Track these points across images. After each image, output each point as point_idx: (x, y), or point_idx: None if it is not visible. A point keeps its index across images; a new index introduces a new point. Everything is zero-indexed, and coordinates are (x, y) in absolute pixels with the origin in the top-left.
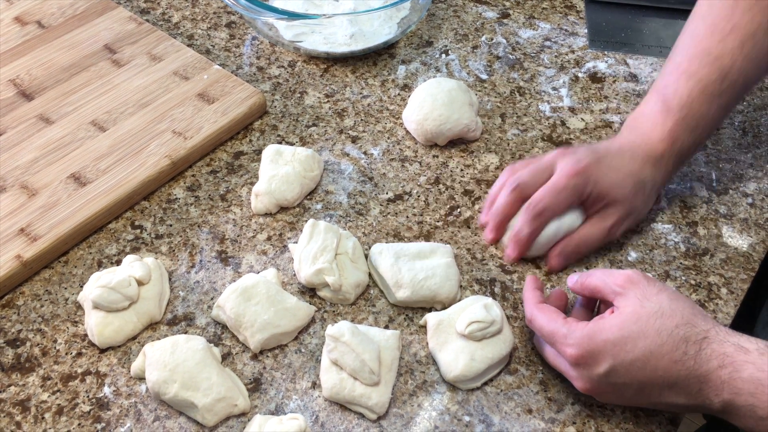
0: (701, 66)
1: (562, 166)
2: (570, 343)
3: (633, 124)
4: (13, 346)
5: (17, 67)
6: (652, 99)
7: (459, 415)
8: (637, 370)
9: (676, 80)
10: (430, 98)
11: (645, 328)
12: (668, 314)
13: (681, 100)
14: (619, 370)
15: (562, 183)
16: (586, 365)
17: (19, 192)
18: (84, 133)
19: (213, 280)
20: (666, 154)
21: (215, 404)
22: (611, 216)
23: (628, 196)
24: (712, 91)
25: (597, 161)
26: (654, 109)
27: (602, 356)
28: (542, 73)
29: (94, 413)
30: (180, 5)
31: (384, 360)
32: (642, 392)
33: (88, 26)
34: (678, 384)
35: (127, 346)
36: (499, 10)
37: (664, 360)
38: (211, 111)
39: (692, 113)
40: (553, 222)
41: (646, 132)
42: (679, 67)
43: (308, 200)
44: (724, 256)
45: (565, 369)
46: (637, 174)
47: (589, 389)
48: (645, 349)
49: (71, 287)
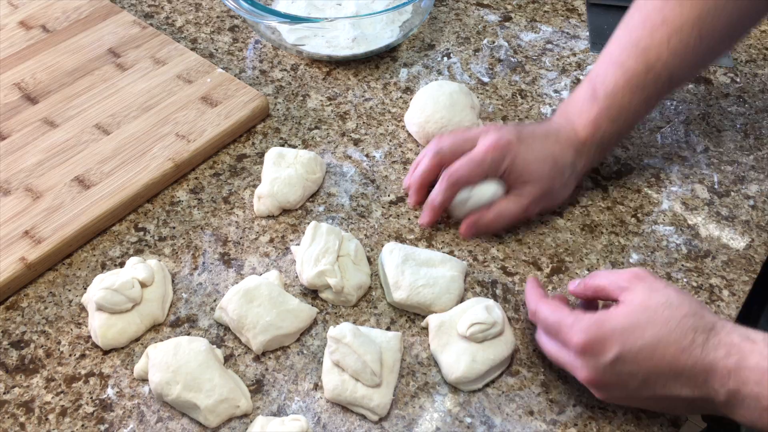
0: (629, 57)
1: (483, 140)
2: (577, 330)
3: (563, 108)
4: (17, 347)
5: (22, 70)
6: (584, 86)
7: (461, 417)
8: (644, 358)
9: (606, 69)
10: (431, 101)
11: (653, 317)
12: (676, 305)
13: (607, 89)
14: (626, 358)
15: (480, 156)
16: (593, 353)
17: (23, 195)
18: (88, 136)
19: (216, 282)
20: (588, 142)
21: (218, 405)
22: (527, 194)
23: (545, 177)
24: (637, 83)
25: (519, 139)
26: (583, 97)
27: (610, 343)
28: (544, 76)
29: (97, 414)
30: (184, 9)
31: (386, 361)
32: (647, 383)
33: (92, 30)
34: (684, 374)
35: (130, 348)
36: (501, 13)
37: (672, 348)
38: (214, 114)
39: (616, 103)
40: (475, 189)
41: (572, 118)
42: (610, 57)
43: (310, 202)
44: (726, 258)
45: (568, 360)
46: (556, 157)
47: (593, 379)
48: (653, 337)
49: (75, 289)
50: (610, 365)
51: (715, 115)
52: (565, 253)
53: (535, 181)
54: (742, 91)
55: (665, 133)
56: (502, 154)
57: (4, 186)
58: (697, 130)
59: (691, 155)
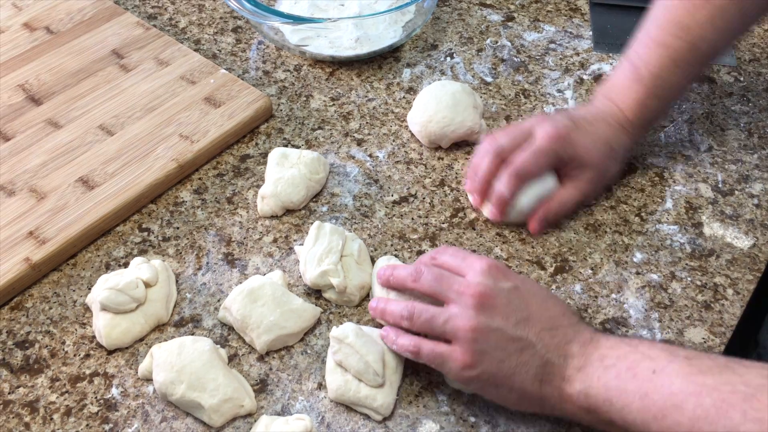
0: (672, 37)
1: (542, 131)
2: (484, 258)
3: (605, 90)
4: (22, 347)
5: (26, 72)
6: (624, 67)
7: (465, 416)
8: (535, 302)
9: (648, 50)
10: (434, 100)
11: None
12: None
13: (651, 69)
14: (522, 292)
15: (543, 146)
16: (495, 276)
17: (28, 195)
18: (92, 137)
19: (219, 282)
20: (636, 122)
21: (222, 405)
22: (586, 179)
23: (603, 159)
24: (682, 61)
25: (575, 127)
26: (626, 78)
27: (512, 277)
28: (547, 76)
29: (102, 414)
30: (187, 10)
31: (389, 361)
32: (526, 322)
33: (96, 32)
34: (557, 329)
35: (134, 348)
36: (504, 13)
37: (558, 310)
38: (217, 115)
39: (661, 82)
40: (531, 188)
41: (617, 99)
42: (650, 37)
43: (314, 203)
44: (730, 257)
45: (456, 289)
46: (609, 139)
47: (483, 295)
48: (547, 295)
49: (79, 289)
50: (506, 291)
51: (719, 114)
52: (569, 252)
53: (593, 166)
54: (746, 89)
55: (669, 132)
56: (562, 144)
57: (8, 187)
58: (700, 129)
59: (695, 154)
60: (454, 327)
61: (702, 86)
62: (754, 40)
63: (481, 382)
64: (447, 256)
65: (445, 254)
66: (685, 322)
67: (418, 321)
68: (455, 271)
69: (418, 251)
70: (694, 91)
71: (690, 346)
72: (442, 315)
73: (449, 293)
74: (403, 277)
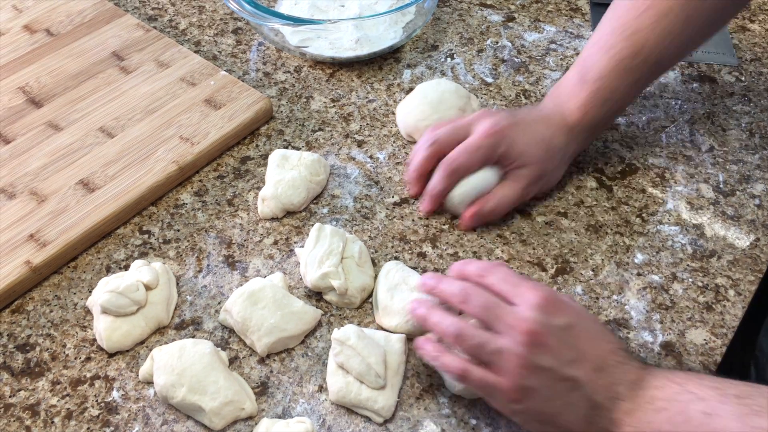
0: (618, 40)
1: (479, 127)
2: (537, 287)
3: (554, 92)
4: (22, 350)
5: (26, 74)
6: (573, 70)
7: (466, 419)
8: (586, 339)
9: (595, 53)
10: (421, 94)
11: (597, 320)
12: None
13: (596, 73)
14: (574, 330)
15: (477, 142)
16: (548, 312)
17: (28, 198)
18: (92, 139)
19: (220, 284)
20: (578, 125)
21: (222, 408)
22: (524, 177)
23: (540, 159)
24: (626, 66)
25: (514, 124)
26: (572, 81)
27: (566, 311)
28: (548, 76)
29: (102, 417)
30: (187, 12)
31: (390, 364)
32: (576, 363)
33: (96, 34)
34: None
35: (135, 351)
36: (504, 13)
37: (607, 347)
38: (217, 116)
39: (605, 86)
40: (467, 182)
41: (563, 102)
42: (598, 41)
43: (314, 204)
44: (732, 258)
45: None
46: (549, 140)
47: (534, 332)
48: (598, 331)
49: (80, 292)
50: (559, 329)
51: (720, 114)
52: (570, 253)
53: (530, 165)
54: (747, 89)
55: (670, 132)
56: (497, 140)
57: (8, 189)
58: (702, 130)
59: (696, 154)
60: (503, 360)
61: (703, 86)
62: (755, 40)
63: (526, 415)
64: (497, 278)
65: (495, 275)
66: (687, 324)
67: (465, 344)
68: (505, 297)
69: (418, 253)
70: (695, 91)
71: (692, 348)
72: (491, 344)
73: (499, 324)
74: (449, 294)
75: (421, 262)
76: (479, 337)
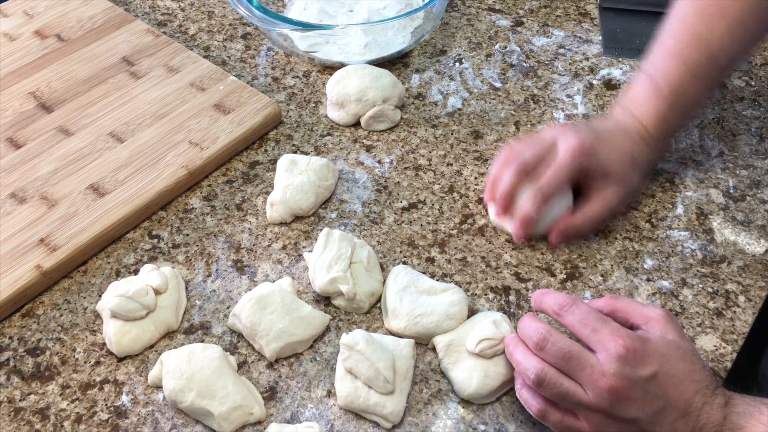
0: (691, 49)
1: (566, 144)
2: (621, 335)
3: (624, 104)
4: (33, 354)
5: (37, 79)
6: (643, 80)
7: (474, 424)
8: (672, 385)
9: (666, 62)
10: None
11: (685, 355)
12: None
13: (670, 82)
14: (660, 379)
15: (568, 164)
16: (632, 363)
17: (38, 203)
18: (102, 144)
19: (229, 289)
20: (657, 135)
21: (231, 412)
22: (613, 193)
23: (626, 172)
24: (701, 73)
25: (598, 139)
26: (645, 91)
27: (651, 360)
28: (556, 81)
29: (112, 421)
30: (197, 17)
31: (398, 369)
32: (662, 413)
33: (106, 39)
34: (691, 414)
35: (144, 355)
36: (513, 18)
37: (692, 388)
38: (227, 121)
39: (681, 95)
40: (552, 203)
41: (637, 113)
42: (668, 50)
43: (323, 209)
44: (742, 264)
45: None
46: (634, 154)
47: (620, 388)
48: (684, 371)
49: (90, 297)
50: (644, 380)
51: (730, 118)
52: (579, 259)
53: (619, 181)
54: (757, 94)
55: (679, 137)
56: (588, 156)
57: (19, 194)
58: (711, 134)
59: (706, 159)
60: (584, 413)
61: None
62: (765, 44)
63: None
64: (575, 318)
65: (573, 314)
66: (697, 330)
67: (546, 389)
68: (585, 341)
69: (427, 258)
70: None
71: (702, 354)
72: (572, 396)
73: (580, 376)
74: (526, 335)
75: (430, 267)
76: (560, 387)
